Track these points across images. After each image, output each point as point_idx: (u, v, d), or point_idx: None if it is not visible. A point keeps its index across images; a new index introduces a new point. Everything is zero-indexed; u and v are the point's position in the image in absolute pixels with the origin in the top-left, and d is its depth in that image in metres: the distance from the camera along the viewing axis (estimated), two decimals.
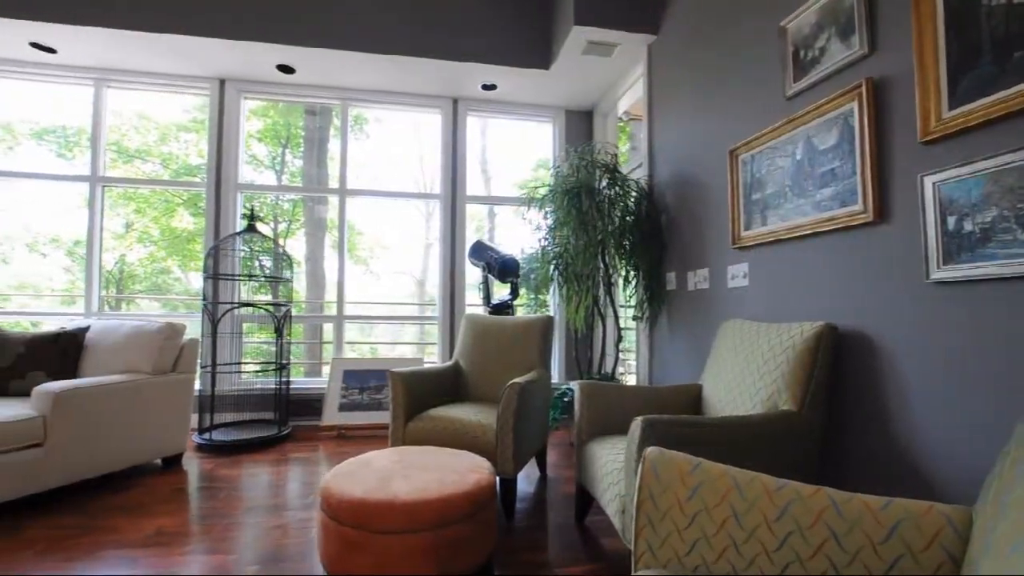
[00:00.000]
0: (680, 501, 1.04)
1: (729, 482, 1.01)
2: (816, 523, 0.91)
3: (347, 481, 1.45)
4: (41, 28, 3.04)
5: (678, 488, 1.05)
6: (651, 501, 1.06)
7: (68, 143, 7.18)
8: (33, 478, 2.16)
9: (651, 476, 1.08)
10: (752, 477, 1.01)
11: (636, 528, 1.07)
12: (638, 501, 1.07)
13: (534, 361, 2.68)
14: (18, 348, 2.54)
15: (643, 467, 1.10)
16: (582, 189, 2.87)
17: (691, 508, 1.02)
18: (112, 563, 1.75)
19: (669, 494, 1.05)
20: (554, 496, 2.44)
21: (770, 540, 0.93)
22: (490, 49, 3.45)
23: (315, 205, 7.11)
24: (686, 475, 1.05)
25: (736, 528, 0.97)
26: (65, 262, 7.92)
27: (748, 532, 0.96)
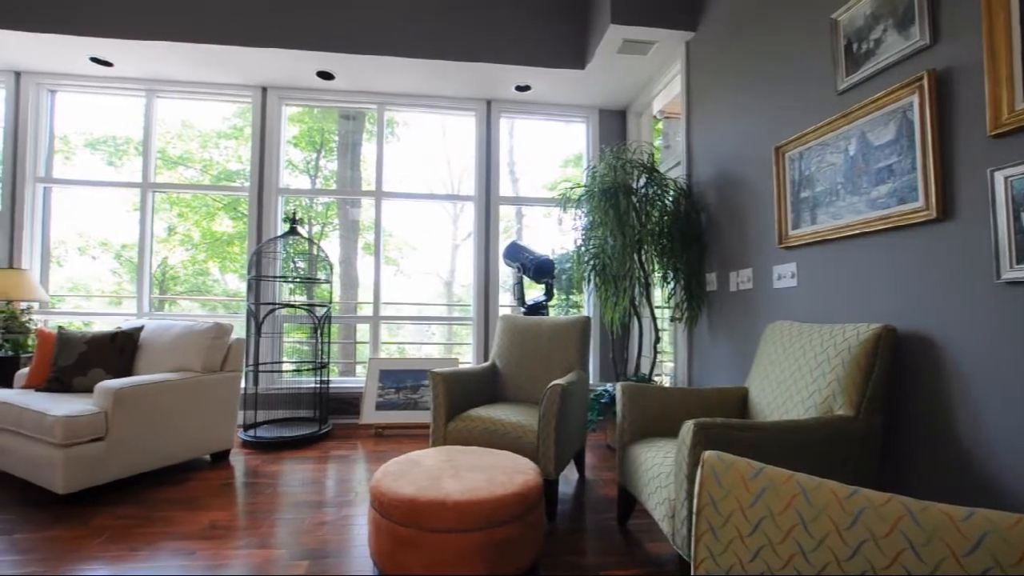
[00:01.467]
0: (743, 507, 1.01)
1: (795, 488, 0.98)
2: (892, 532, 0.88)
3: (397, 480, 1.47)
4: (100, 43, 3.20)
5: (740, 493, 1.02)
6: (712, 506, 1.04)
7: (117, 151, 7.52)
8: (96, 470, 2.27)
9: (711, 481, 1.06)
10: (818, 483, 0.98)
11: (696, 533, 1.05)
12: (698, 506, 1.05)
13: (572, 362, 2.66)
14: (80, 347, 2.67)
15: (702, 472, 1.08)
16: (619, 189, 2.85)
17: (755, 514, 1.00)
18: (171, 554, 1.82)
19: (731, 499, 1.03)
20: (593, 498, 2.42)
21: (842, 549, 0.90)
22: (525, 50, 3.46)
23: (348, 208, 7.25)
24: (748, 480, 1.03)
25: (804, 535, 0.94)
26: (113, 265, 8.27)
27: (817, 540, 0.93)
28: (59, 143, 6.95)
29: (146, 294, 3.87)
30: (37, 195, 3.72)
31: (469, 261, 4.07)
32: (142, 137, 3.86)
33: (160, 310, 6.84)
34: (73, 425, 2.17)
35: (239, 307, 7.47)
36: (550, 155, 7.80)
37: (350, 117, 6.12)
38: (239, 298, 8.15)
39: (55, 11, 3.12)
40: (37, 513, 2.15)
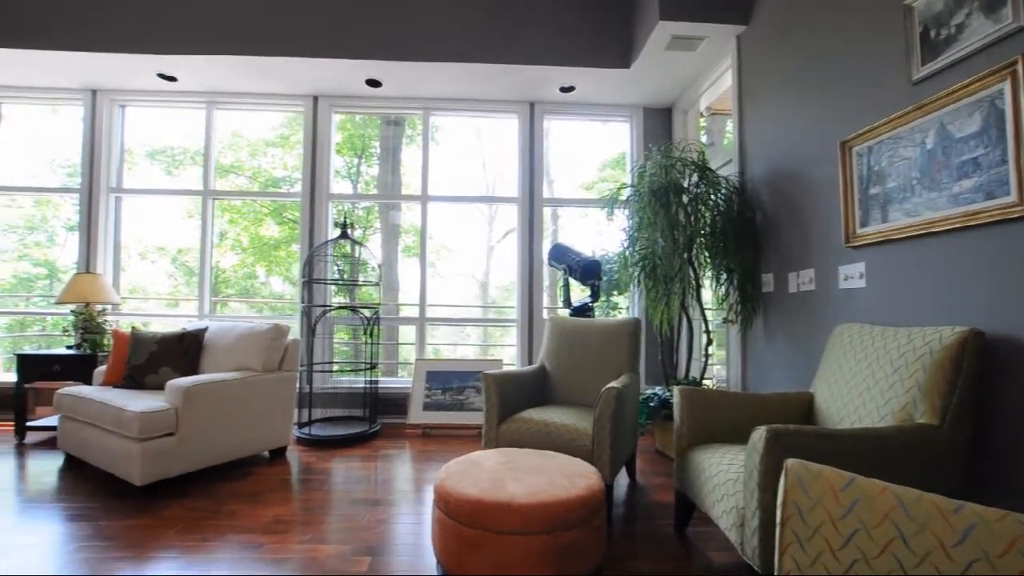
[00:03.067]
0: (833, 519, 0.97)
1: (891, 500, 0.93)
2: (1010, 551, 0.82)
3: (461, 480, 1.49)
4: (167, 60, 3.39)
5: (830, 504, 0.98)
6: (798, 517, 1.00)
7: (175, 161, 7.94)
8: (168, 463, 2.39)
9: (797, 491, 1.02)
10: (918, 496, 0.92)
11: (780, 545, 1.01)
12: (783, 517, 1.01)
13: (623, 365, 2.63)
14: (151, 347, 2.83)
15: (786, 480, 1.04)
16: (670, 188, 2.79)
17: (847, 527, 0.95)
18: (240, 546, 1.90)
19: (819, 511, 0.99)
20: (647, 503, 2.37)
21: (949, 567, 0.85)
22: (570, 51, 3.44)
23: (390, 211, 7.39)
24: (839, 491, 0.98)
25: (904, 551, 0.89)
26: (169, 269, 8.71)
27: (920, 557, 0.88)
28: (125, 155, 7.40)
29: (207, 296, 4.06)
30: (110, 204, 3.97)
31: (504, 263, 4.09)
32: (202, 147, 4.06)
33: (212, 312, 7.19)
34: (148, 421, 2.30)
35: (284, 308, 7.74)
36: (588, 156, 7.72)
37: (397, 122, 6.25)
38: (284, 300, 8.43)
39: (128, 32, 3.33)
40: (118, 502, 2.29)
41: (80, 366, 3.27)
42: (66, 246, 7.52)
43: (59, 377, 3.29)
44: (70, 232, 7.39)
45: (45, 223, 7.64)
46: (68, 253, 7.34)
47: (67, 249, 7.40)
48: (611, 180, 8.11)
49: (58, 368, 3.28)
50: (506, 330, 7.49)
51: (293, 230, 8.21)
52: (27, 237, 7.39)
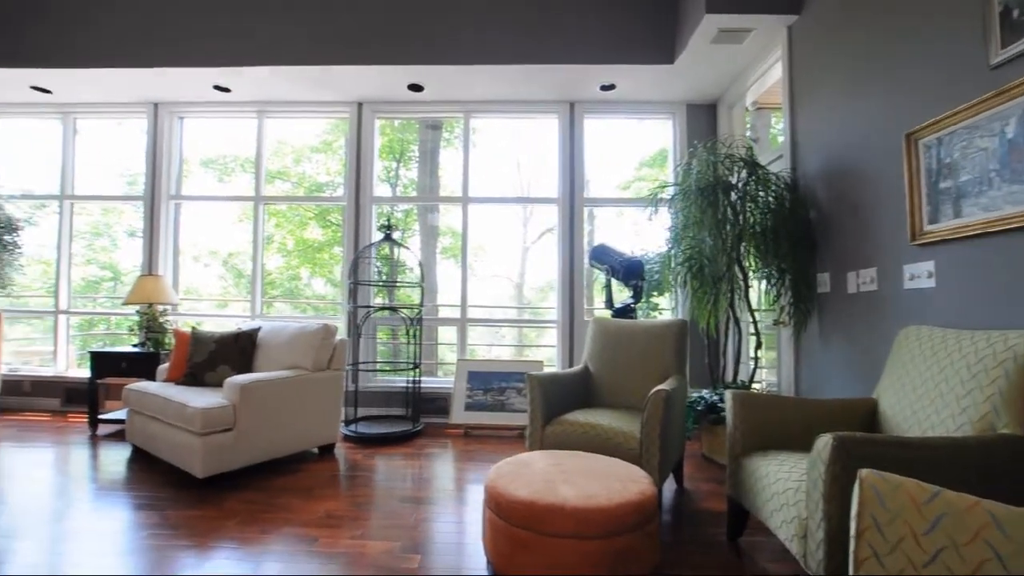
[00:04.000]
0: (916, 534, 0.91)
1: (983, 517, 0.87)
2: None
3: (512, 481, 1.49)
4: (222, 72, 3.56)
5: (912, 518, 0.92)
6: (876, 530, 0.95)
7: (226, 169, 8.31)
8: (226, 457, 2.50)
9: (874, 503, 0.96)
10: (1015, 513, 0.86)
11: (856, 559, 0.96)
12: (858, 529, 0.96)
13: (670, 367, 2.57)
14: (210, 345, 2.97)
15: (861, 492, 0.98)
16: (718, 186, 2.71)
17: (932, 543, 0.89)
18: (296, 539, 1.97)
19: (899, 524, 0.93)
20: (696, 510, 2.31)
21: None
22: (612, 48, 3.40)
23: (428, 214, 7.49)
24: (921, 504, 0.92)
25: (1002, 572, 0.83)
26: (220, 271, 9.10)
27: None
28: (182, 163, 7.81)
29: (258, 297, 4.23)
30: (170, 210, 4.20)
31: (539, 264, 4.08)
32: (252, 154, 4.24)
33: (261, 312, 7.49)
34: (209, 416, 2.42)
35: (326, 309, 7.96)
36: (624, 155, 7.61)
37: (437, 126, 6.33)
38: (326, 300, 8.68)
39: (187, 47, 3.51)
40: (181, 493, 2.41)
41: (145, 363, 3.47)
42: (127, 250, 7.99)
43: (126, 374, 3.50)
44: (131, 237, 7.86)
45: (109, 229, 8.14)
46: (128, 257, 7.81)
47: (128, 253, 7.86)
48: (649, 179, 7.97)
49: (125, 365, 3.50)
50: (541, 331, 7.47)
51: (336, 233, 8.45)
52: (94, 242, 7.90)
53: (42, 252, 4.86)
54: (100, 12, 3.58)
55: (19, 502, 2.31)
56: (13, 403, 4.09)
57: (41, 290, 5.30)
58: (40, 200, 4.50)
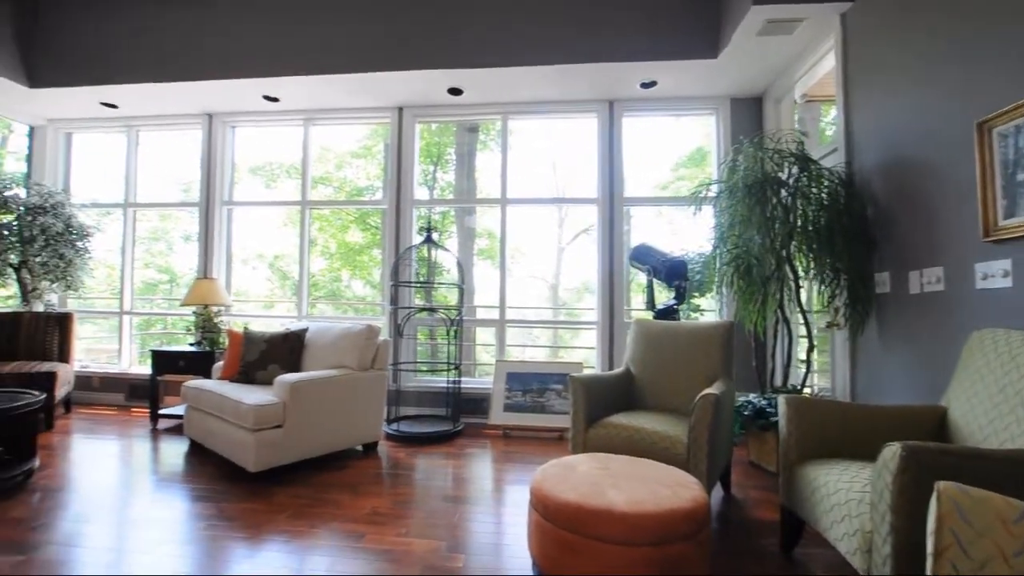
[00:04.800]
0: (1005, 555, 0.84)
1: None
2: None
3: (559, 484, 1.47)
4: (272, 82, 3.71)
5: (1001, 538, 0.85)
6: (958, 549, 0.88)
7: (273, 175, 8.64)
8: (277, 453, 2.59)
9: (954, 518, 0.90)
10: None
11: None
12: (938, 547, 0.90)
13: (716, 371, 2.49)
14: (261, 345, 3.09)
15: (939, 506, 0.92)
16: (768, 182, 2.61)
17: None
18: (345, 535, 2.01)
19: (986, 543, 0.86)
20: (745, 519, 2.23)
21: None
22: (653, 45, 3.34)
23: (465, 216, 7.55)
24: (1011, 523, 0.86)
25: None
26: (266, 273, 9.46)
27: None
28: (231, 170, 8.18)
29: (304, 298, 4.38)
30: (223, 215, 4.41)
31: (575, 264, 4.04)
32: (296, 161, 4.39)
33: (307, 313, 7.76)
34: (262, 413, 2.51)
35: (366, 310, 8.15)
36: (662, 154, 7.46)
37: (471, 129, 6.39)
38: (366, 302, 8.88)
39: (239, 60, 3.68)
40: (235, 486, 2.52)
41: (201, 362, 3.65)
42: (182, 254, 8.42)
43: (183, 371, 3.69)
44: (186, 242, 8.29)
45: (166, 234, 8.60)
46: (183, 260, 8.24)
47: (182, 257, 8.30)
48: (688, 178, 7.79)
49: (183, 363, 3.69)
50: (576, 332, 7.41)
51: (375, 236, 8.65)
52: (152, 247, 8.37)
53: (107, 257, 5.18)
54: (160, 31, 3.80)
55: (89, 490, 2.47)
56: (84, 398, 4.38)
57: (106, 292, 5.67)
58: (105, 208, 4.81)
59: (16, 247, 3.87)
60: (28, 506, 2.26)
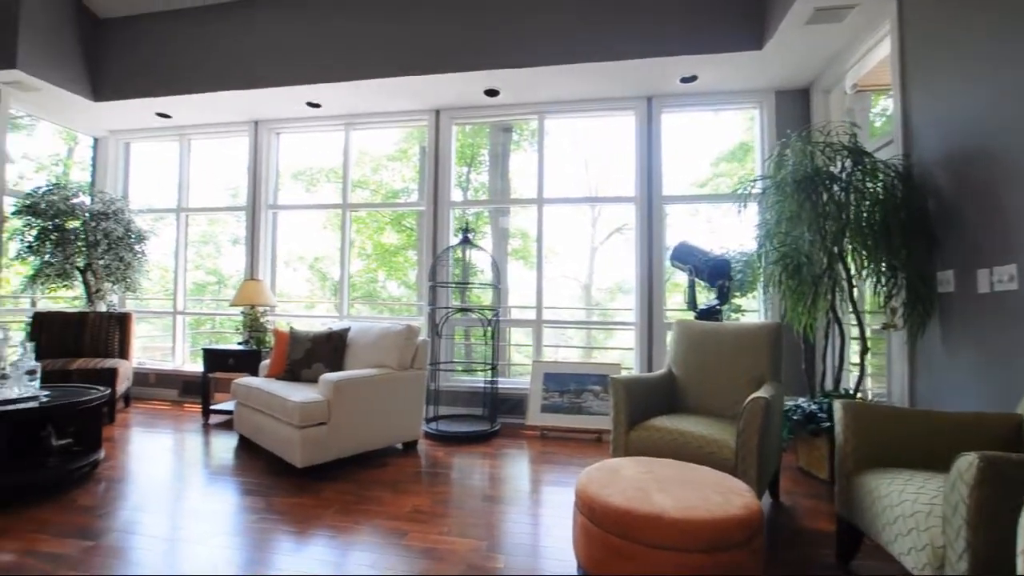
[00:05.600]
0: None
1: None
2: None
3: (605, 487, 1.45)
4: (314, 89, 3.83)
5: None
6: None
7: (313, 180, 8.91)
8: (321, 450, 2.66)
9: None
10: None
11: None
12: None
13: (764, 373, 2.40)
14: (306, 344, 3.18)
15: None
16: (820, 177, 2.50)
17: None
18: (388, 532, 2.05)
19: None
20: (798, 528, 2.14)
21: None
22: (693, 38, 3.26)
23: (499, 217, 7.57)
24: None
25: None
26: (307, 274, 9.74)
27: None
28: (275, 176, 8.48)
29: (345, 299, 4.49)
30: (268, 219, 4.58)
31: (608, 264, 3.98)
32: (335, 165, 4.50)
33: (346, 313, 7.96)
34: (307, 410, 2.58)
35: (401, 310, 8.28)
36: (700, 150, 7.28)
37: (505, 129, 6.40)
38: (401, 302, 9.03)
39: (284, 68, 3.81)
40: (283, 481, 2.60)
41: (249, 360, 3.79)
42: (228, 256, 8.79)
43: (232, 369, 3.84)
44: (234, 245, 8.65)
45: (214, 237, 8.99)
46: (230, 263, 8.59)
47: (229, 259, 8.66)
48: (727, 175, 7.58)
49: (232, 361, 3.84)
50: (610, 333, 7.31)
51: (410, 237, 8.79)
52: (201, 249, 8.77)
53: (161, 259, 5.46)
54: (211, 44, 3.98)
55: (147, 481, 2.60)
56: (141, 393, 4.63)
57: (160, 293, 5.97)
58: (160, 213, 5.07)
59: (82, 251, 4.12)
60: (94, 495, 2.40)
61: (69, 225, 4.10)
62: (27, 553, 1.84)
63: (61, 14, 3.96)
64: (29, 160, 6.18)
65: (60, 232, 4.02)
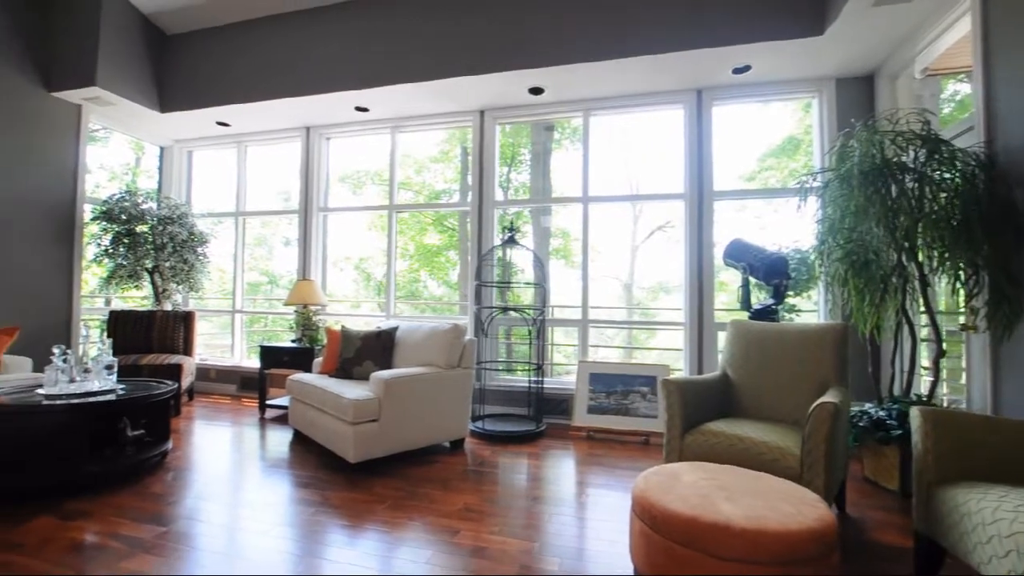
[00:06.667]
0: None
1: None
2: None
3: (665, 493, 1.40)
4: (363, 94, 3.93)
5: None
6: None
7: (359, 182, 9.16)
8: (373, 446, 2.72)
9: None
10: None
11: None
12: None
13: (828, 377, 2.28)
14: (357, 343, 3.27)
15: None
16: (888, 168, 2.34)
17: None
18: (440, 529, 2.06)
19: None
20: (868, 542, 2.01)
21: None
22: (748, 26, 3.12)
23: (541, 216, 7.54)
24: None
25: None
26: (353, 275, 10.02)
27: None
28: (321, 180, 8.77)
29: (392, 298, 4.58)
30: (319, 221, 4.73)
31: (650, 263, 3.87)
32: (379, 168, 4.60)
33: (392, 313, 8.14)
34: (360, 407, 2.65)
35: (443, 309, 8.39)
36: (749, 144, 7.02)
37: (548, 127, 6.37)
38: (442, 301, 9.14)
39: (334, 75, 3.93)
40: (336, 476, 2.67)
41: (302, 357, 3.93)
42: (280, 258, 9.16)
43: (287, 365, 3.99)
44: (284, 246, 9.02)
45: (266, 240, 9.39)
46: (281, 264, 8.96)
47: (280, 260, 9.03)
48: (775, 168, 7.27)
49: (286, 358, 3.99)
50: (652, 333, 7.14)
51: (452, 237, 8.90)
52: (255, 251, 9.18)
53: (219, 261, 5.74)
54: (266, 55, 4.16)
55: (210, 471, 2.74)
56: (203, 387, 4.89)
57: (218, 293, 6.29)
58: (218, 217, 5.33)
59: (150, 254, 4.39)
60: (164, 483, 2.54)
61: (139, 230, 4.37)
62: (110, 536, 1.97)
63: (133, 33, 4.22)
64: (103, 170, 6.64)
65: (131, 236, 4.30)
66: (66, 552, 1.84)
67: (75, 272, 4.25)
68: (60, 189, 4.18)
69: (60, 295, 4.17)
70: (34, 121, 4.00)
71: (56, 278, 4.15)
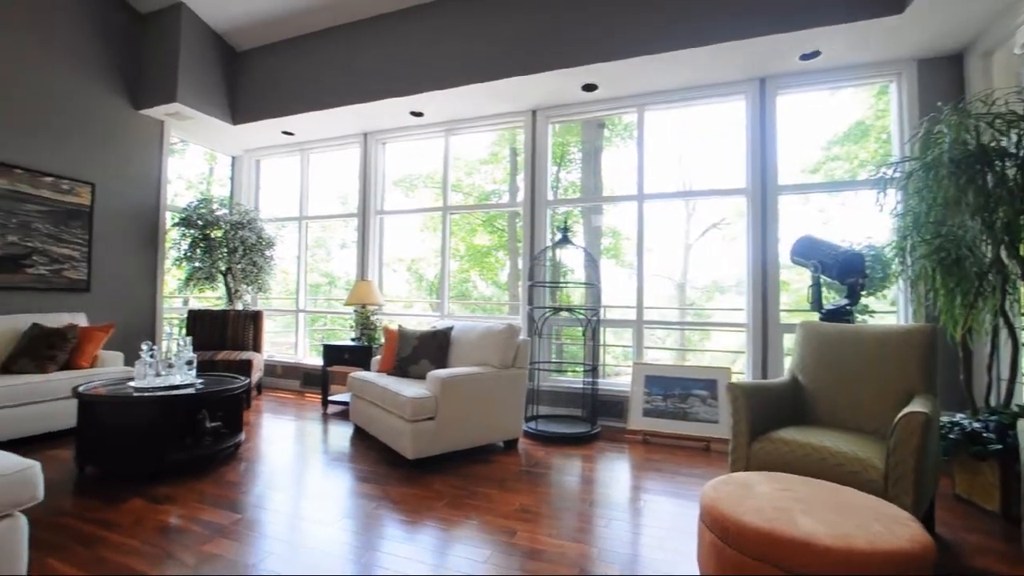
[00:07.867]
0: None
1: None
2: None
3: (738, 505, 1.33)
4: (418, 99, 4.03)
5: None
6: None
7: (412, 185, 9.39)
8: (430, 443, 2.77)
9: None
10: None
11: None
12: None
13: (914, 385, 2.10)
14: (413, 342, 3.34)
15: None
16: (985, 155, 2.13)
17: None
18: (497, 529, 2.07)
19: None
20: (965, 567, 1.83)
21: None
22: (817, 8, 2.93)
23: (591, 215, 7.43)
24: None
25: None
26: (406, 276, 10.26)
27: None
28: (377, 183, 9.06)
29: (446, 298, 4.66)
30: (376, 224, 4.89)
31: (704, 262, 3.70)
32: (431, 171, 4.68)
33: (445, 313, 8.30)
34: (418, 405, 2.70)
35: (493, 309, 8.44)
36: (813, 133, 6.60)
37: (599, 124, 6.28)
38: (492, 301, 9.20)
39: (390, 81, 4.05)
40: (395, 471, 2.74)
41: (362, 355, 4.07)
42: (338, 260, 9.53)
43: (347, 363, 4.15)
44: (342, 248, 9.39)
45: (325, 243, 9.81)
46: (339, 265, 9.33)
47: (339, 262, 9.40)
48: (843, 158, 6.81)
49: (347, 356, 4.14)
50: (706, 334, 6.86)
51: (501, 238, 8.94)
52: (315, 253, 9.62)
53: (282, 263, 6.06)
54: (326, 65, 4.35)
55: (278, 462, 2.88)
56: (270, 383, 5.17)
57: (282, 293, 6.63)
58: (283, 221, 5.62)
59: (224, 257, 4.69)
60: (238, 473, 2.70)
61: (213, 235, 4.68)
62: (192, 520, 2.11)
63: (208, 52, 4.54)
64: (181, 179, 7.18)
65: (207, 241, 4.61)
66: (155, 533, 1.99)
67: (159, 274, 4.61)
68: (146, 198, 4.56)
69: (146, 295, 4.55)
70: (125, 137, 4.38)
71: (143, 280, 4.53)
